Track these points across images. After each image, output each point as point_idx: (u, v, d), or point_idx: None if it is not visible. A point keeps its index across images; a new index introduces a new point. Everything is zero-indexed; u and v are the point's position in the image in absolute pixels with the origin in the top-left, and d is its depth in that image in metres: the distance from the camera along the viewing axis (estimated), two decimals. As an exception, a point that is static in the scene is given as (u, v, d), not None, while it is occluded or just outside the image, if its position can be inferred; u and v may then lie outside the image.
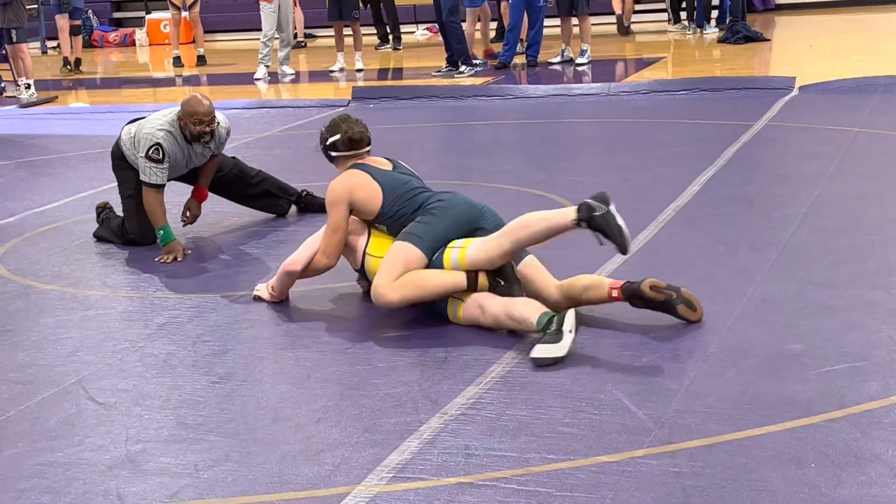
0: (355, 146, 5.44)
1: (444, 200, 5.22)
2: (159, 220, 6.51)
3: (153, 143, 6.47)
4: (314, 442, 3.95)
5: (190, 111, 6.50)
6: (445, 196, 5.27)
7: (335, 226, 5.25)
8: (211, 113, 6.53)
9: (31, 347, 5.12)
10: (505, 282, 5.01)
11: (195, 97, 6.60)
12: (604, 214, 4.76)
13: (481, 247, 5.00)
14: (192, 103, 6.53)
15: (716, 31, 16.55)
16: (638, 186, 7.60)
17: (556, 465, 3.67)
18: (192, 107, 6.51)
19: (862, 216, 6.47)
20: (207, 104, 6.55)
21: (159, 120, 6.59)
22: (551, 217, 4.90)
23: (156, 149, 6.47)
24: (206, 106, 6.54)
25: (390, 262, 5.04)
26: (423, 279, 4.99)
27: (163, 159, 6.48)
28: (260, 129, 11.05)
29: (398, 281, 4.99)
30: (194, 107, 6.51)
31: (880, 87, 10.85)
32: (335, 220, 5.25)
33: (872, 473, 3.50)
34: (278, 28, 14.68)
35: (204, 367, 4.77)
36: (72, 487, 3.73)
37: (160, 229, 6.49)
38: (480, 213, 5.21)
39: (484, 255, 4.98)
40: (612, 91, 11.82)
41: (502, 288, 4.99)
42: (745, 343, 4.63)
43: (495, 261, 4.98)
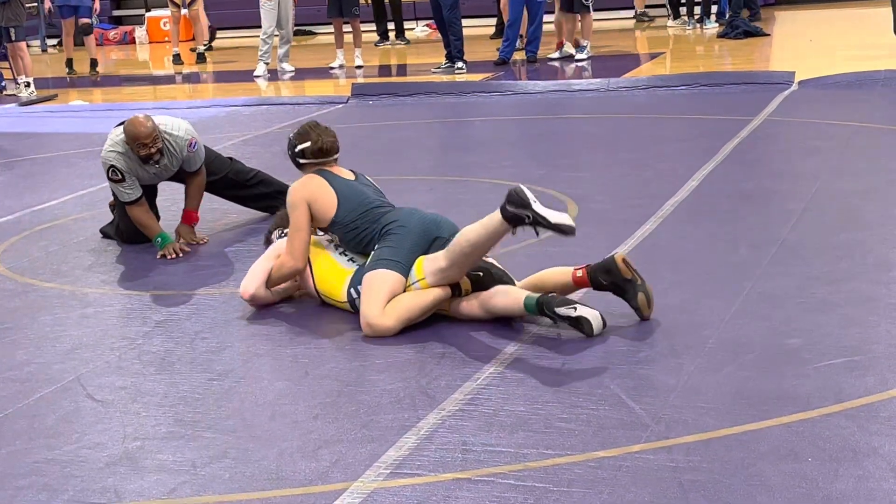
0: (324, 155, 5.45)
1: (399, 221, 5.18)
2: (153, 230, 6.52)
3: (108, 166, 6.45)
4: (312, 438, 3.95)
5: (131, 136, 6.35)
6: (401, 215, 5.23)
7: (298, 225, 5.27)
8: (151, 134, 6.32)
9: (30, 345, 5.12)
10: (483, 272, 5.02)
11: (135, 119, 6.38)
12: (532, 221, 4.71)
13: (438, 276, 4.97)
14: (132, 127, 6.35)
15: (715, 26, 16.55)
16: (637, 182, 7.60)
17: (553, 460, 3.67)
18: (132, 131, 6.35)
19: (861, 211, 6.47)
20: (148, 126, 6.34)
21: (111, 141, 6.49)
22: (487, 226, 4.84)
23: (113, 171, 6.44)
24: (147, 128, 6.33)
25: (375, 292, 5.01)
26: (409, 302, 4.99)
27: (123, 178, 6.44)
28: (259, 125, 11.06)
29: (388, 307, 4.97)
30: (135, 130, 6.34)
31: (880, 82, 10.85)
32: (297, 220, 5.27)
33: (870, 467, 3.49)
34: (278, 25, 14.67)
35: (202, 365, 4.77)
36: (70, 485, 3.73)
37: (157, 237, 6.49)
38: (437, 224, 5.20)
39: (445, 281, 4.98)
40: (611, 87, 11.81)
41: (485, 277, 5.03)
42: (744, 338, 4.62)
43: (456, 279, 5.00)
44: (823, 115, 9.51)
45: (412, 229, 5.13)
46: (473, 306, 4.99)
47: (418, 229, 5.14)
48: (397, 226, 5.15)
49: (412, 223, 5.16)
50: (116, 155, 6.45)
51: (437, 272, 4.97)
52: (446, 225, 5.22)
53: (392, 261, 5.06)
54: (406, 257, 5.07)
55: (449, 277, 4.99)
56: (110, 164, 6.45)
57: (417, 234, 5.12)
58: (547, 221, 4.70)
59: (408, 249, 5.09)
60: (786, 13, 18.46)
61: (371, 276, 5.05)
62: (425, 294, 4.99)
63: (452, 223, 5.24)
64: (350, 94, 12.47)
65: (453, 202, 7.19)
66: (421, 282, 5.03)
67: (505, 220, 4.77)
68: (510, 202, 4.75)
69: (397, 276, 5.03)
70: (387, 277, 5.02)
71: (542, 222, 4.70)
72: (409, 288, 5.04)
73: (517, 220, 4.74)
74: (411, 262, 5.07)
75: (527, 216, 4.71)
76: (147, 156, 6.38)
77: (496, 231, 4.84)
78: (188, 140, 6.56)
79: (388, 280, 5.01)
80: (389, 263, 5.05)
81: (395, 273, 5.03)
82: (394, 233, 5.14)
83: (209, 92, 14.56)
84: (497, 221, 4.81)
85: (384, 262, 5.06)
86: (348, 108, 11.97)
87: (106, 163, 6.48)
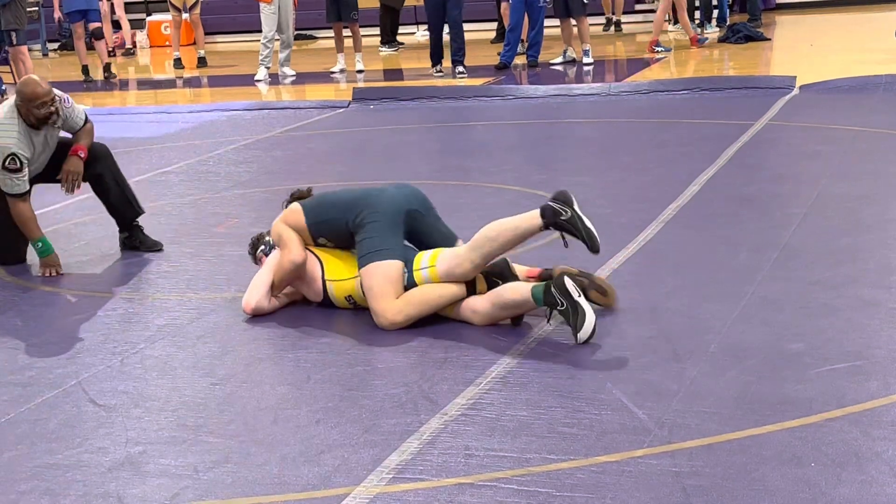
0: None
1: (369, 208, 5.17)
2: (34, 230, 6.31)
3: (7, 154, 6.14)
4: (314, 443, 3.95)
5: (30, 96, 6.13)
6: (368, 202, 5.21)
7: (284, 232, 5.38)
8: (50, 92, 6.19)
9: (31, 349, 5.12)
10: (503, 280, 5.02)
11: (31, 79, 6.22)
12: (570, 218, 4.81)
13: (452, 263, 5.01)
14: (30, 86, 6.16)
15: (716, 30, 16.55)
16: (638, 186, 7.60)
17: (556, 465, 3.67)
18: (32, 89, 6.14)
19: (863, 216, 6.47)
20: (45, 85, 6.19)
21: (2, 126, 6.19)
22: (518, 224, 4.94)
23: (11, 159, 6.15)
24: (45, 87, 6.17)
25: (379, 286, 5.03)
26: (424, 295, 5.01)
27: (21, 167, 6.19)
28: (260, 130, 11.06)
29: (400, 301, 5.00)
30: (33, 89, 6.14)
31: (881, 87, 10.85)
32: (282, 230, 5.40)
33: (872, 472, 3.49)
34: (278, 29, 14.68)
35: (204, 369, 4.76)
36: (72, 489, 3.72)
37: (38, 241, 6.30)
38: (406, 198, 5.24)
39: (458, 272, 5.01)
40: (612, 91, 11.82)
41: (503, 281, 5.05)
42: (746, 343, 4.62)
43: (469, 275, 5.02)
44: (824, 120, 9.51)
45: (384, 212, 5.15)
46: (481, 304, 4.98)
47: (390, 210, 5.16)
48: (369, 213, 5.16)
49: (382, 206, 5.17)
50: (16, 140, 6.19)
51: (453, 264, 5.00)
52: (414, 197, 5.28)
53: (378, 251, 5.08)
54: (391, 241, 5.10)
55: (463, 271, 4.99)
56: (10, 152, 6.16)
57: (391, 215, 5.15)
58: (583, 226, 4.80)
59: (389, 233, 5.11)
60: (787, 18, 18.46)
61: (368, 271, 5.07)
62: (441, 289, 5.00)
63: (419, 192, 5.32)
64: (351, 98, 12.48)
65: (454, 206, 7.18)
66: (431, 269, 5.05)
67: (542, 213, 4.84)
68: (555, 198, 4.85)
69: (392, 263, 5.05)
70: (384, 268, 5.05)
71: (579, 225, 4.80)
72: (416, 272, 5.06)
73: (555, 215, 4.81)
74: (399, 243, 5.12)
75: (565, 211, 4.81)
76: (47, 115, 6.18)
77: (526, 231, 4.92)
78: (62, 96, 6.36)
79: (386, 270, 5.04)
80: (378, 254, 5.07)
81: (387, 261, 5.05)
82: (368, 222, 5.15)
83: (210, 96, 14.57)
84: (529, 221, 4.88)
85: (373, 254, 5.08)
86: (349, 113, 11.97)
87: (3, 151, 6.15)
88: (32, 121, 6.22)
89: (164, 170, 9.20)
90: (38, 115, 6.19)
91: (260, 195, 8.08)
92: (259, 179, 8.71)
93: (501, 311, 4.95)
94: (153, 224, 6.97)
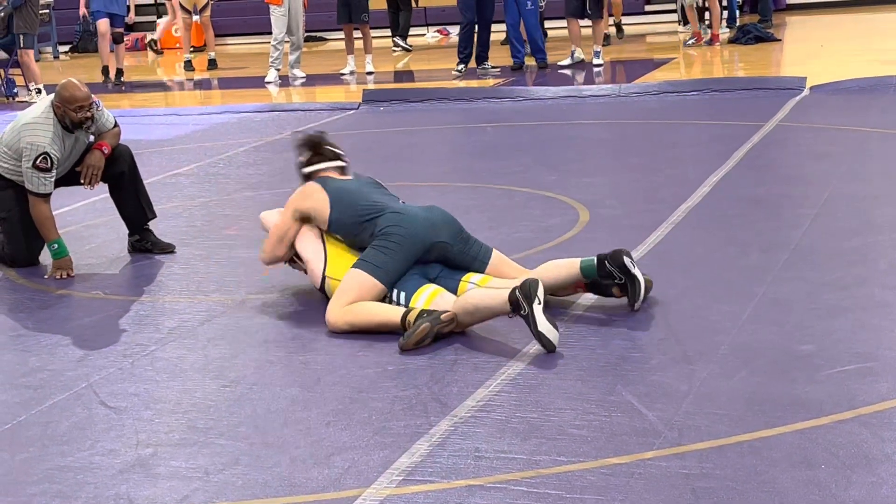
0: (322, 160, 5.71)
1: (399, 224, 5.18)
2: (52, 232, 6.33)
3: (40, 152, 6.20)
4: (324, 445, 3.95)
5: (69, 98, 6.21)
6: (400, 219, 5.21)
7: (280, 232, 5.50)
8: (90, 97, 6.28)
9: (43, 352, 5.13)
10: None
11: (71, 83, 6.28)
12: (526, 315, 4.66)
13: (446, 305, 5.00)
14: (70, 89, 6.23)
15: (726, 31, 16.53)
16: (649, 187, 7.60)
17: (565, 467, 3.67)
18: (71, 93, 6.22)
19: (873, 216, 6.46)
20: (85, 89, 6.29)
21: (38, 124, 6.26)
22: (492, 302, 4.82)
23: (44, 158, 6.20)
24: (85, 91, 6.27)
25: (345, 289, 5.11)
26: (370, 310, 5.05)
27: (51, 167, 6.25)
28: (271, 132, 11.07)
29: (348, 308, 5.06)
30: (73, 93, 6.22)
31: (891, 87, 10.83)
32: (281, 223, 5.51)
33: (883, 474, 3.48)
34: (288, 31, 14.69)
35: (214, 371, 4.77)
36: (82, 491, 3.73)
37: (54, 242, 6.32)
38: (436, 228, 5.21)
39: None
40: (622, 92, 11.81)
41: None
42: (756, 344, 4.62)
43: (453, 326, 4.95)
44: (835, 121, 9.50)
45: (411, 239, 5.15)
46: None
47: (416, 236, 5.16)
48: (395, 230, 5.17)
49: (412, 230, 5.17)
50: (50, 140, 6.24)
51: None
52: (447, 228, 5.25)
53: (373, 265, 5.11)
54: (396, 269, 5.13)
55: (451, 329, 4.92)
56: (43, 151, 6.21)
57: (413, 242, 5.15)
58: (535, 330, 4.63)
59: (399, 259, 5.14)
60: (797, 18, 18.43)
61: (350, 274, 5.15)
62: (387, 310, 5.00)
63: (455, 223, 5.30)
64: (361, 100, 12.48)
65: (464, 208, 7.19)
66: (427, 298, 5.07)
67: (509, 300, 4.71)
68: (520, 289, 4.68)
69: (373, 283, 5.09)
70: (362, 280, 5.10)
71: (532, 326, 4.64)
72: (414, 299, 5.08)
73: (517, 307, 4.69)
74: (400, 271, 5.13)
75: (523, 307, 4.66)
76: (84, 119, 6.26)
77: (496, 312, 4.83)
78: (96, 102, 6.43)
79: (362, 282, 5.09)
80: (371, 268, 5.11)
81: (372, 279, 5.09)
82: (389, 238, 5.16)
83: (220, 98, 14.59)
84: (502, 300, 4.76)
85: (368, 265, 5.12)
86: (359, 114, 11.98)
87: (38, 148, 6.20)
88: (67, 123, 6.28)
89: (174, 172, 9.21)
90: (74, 119, 6.25)
91: (270, 197, 8.08)
92: (269, 182, 8.72)
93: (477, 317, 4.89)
94: (164, 226, 6.99)
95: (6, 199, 6.50)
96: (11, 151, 6.38)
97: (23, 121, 6.37)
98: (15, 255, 6.55)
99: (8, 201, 6.49)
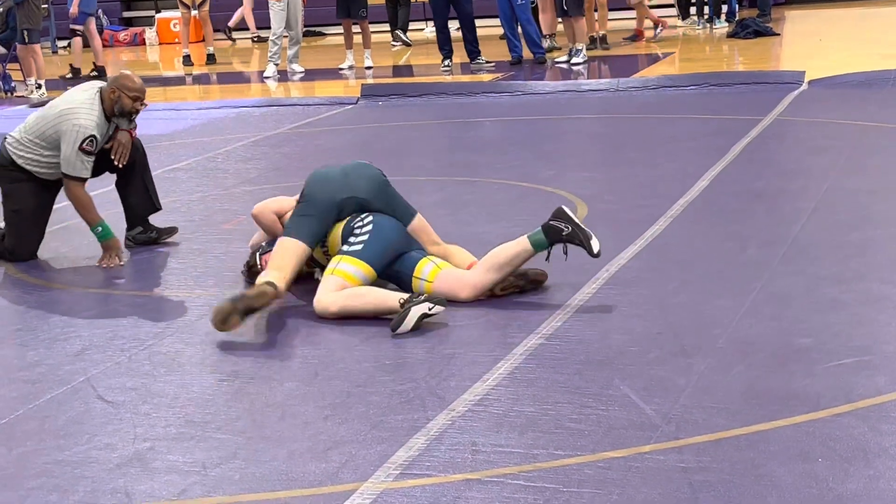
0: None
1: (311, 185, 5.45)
2: (94, 214, 6.35)
3: (88, 135, 6.21)
4: (322, 439, 3.95)
5: (130, 86, 6.34)
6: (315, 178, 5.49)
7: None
8: (144, 89, 6.45)
9: (40, 346, 5.13)
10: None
11: (127, 75, 6.43)
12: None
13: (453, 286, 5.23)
14: (131, 78, 6.39)
15: (725, 25, 16.53)
16: (647, 182, 7.60)
17: (563, 460, 3.67)
18: (132, 81, 6.37)
19: (871, 211, 6.46)
20: (140, 81, 6.45)
21: (82, 110, 6.27)
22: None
23: (90, 140, 6.22)
24: (140, 83, 6.44)
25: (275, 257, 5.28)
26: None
27: (94, 151, 6.29)
28: (269, 126, 11.07)
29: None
30: (134, 81, 6.38)
31: (890, 81, 10.83)
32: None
33: (880, 467, 3.49)
34: (287, 26, 14.69)
35: (212, 366, 4.77)
36: (80, 486, 3.73)
37: (98, 226, 6.34)
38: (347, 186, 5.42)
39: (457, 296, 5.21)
40: (620, 87, 11.81)
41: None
42: (754, 338, 4.62)
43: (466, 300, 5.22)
44: (833, 115, 9.49)
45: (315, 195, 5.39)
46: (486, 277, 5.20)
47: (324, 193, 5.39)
48: (307, 191, 5.43)
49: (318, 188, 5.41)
50: (95, 124, 6.28)
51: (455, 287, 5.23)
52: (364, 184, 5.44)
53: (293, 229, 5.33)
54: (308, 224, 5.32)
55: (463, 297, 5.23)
56: (91, 134, 6.24)
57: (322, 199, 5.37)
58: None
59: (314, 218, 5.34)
60: (796, 13, 18.43)
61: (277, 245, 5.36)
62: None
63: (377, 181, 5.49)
64: (360, 94, 12.48)
65: (462, 203, 7.19)
66: (427, 284, 5.25)
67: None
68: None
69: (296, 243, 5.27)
70: (286, 245, 5.29)
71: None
72: (415, 279, 5.28)
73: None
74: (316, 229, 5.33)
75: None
76: (136, 110, 6.40)
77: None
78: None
79: (286, 247, 5.28)
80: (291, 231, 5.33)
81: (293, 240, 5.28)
82: (304, 200, 5.41)
83: (219, 93, 14.58)
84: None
85: (288, 230, 5.37)
86: (358, 109, 11.98)
87: (86, 131, 6.22)
88: (117, 110, 6.34)
89: (173, 167, 9.21)
90: (127, 106, 6.35)
91: (268, 192, 8.06)
92: (268, 176, 8.71)
93: (496, 274, 5.19)
94: (162, 221, 6.97)
95: (23, 192, 6.49)
96: (41, 140, 6.38)
97: (60, 107, 6.37)
98: (18, 249, 6.53)
99: (25, 194, 6.49)
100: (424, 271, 5.31)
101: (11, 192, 6.52)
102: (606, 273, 5.53)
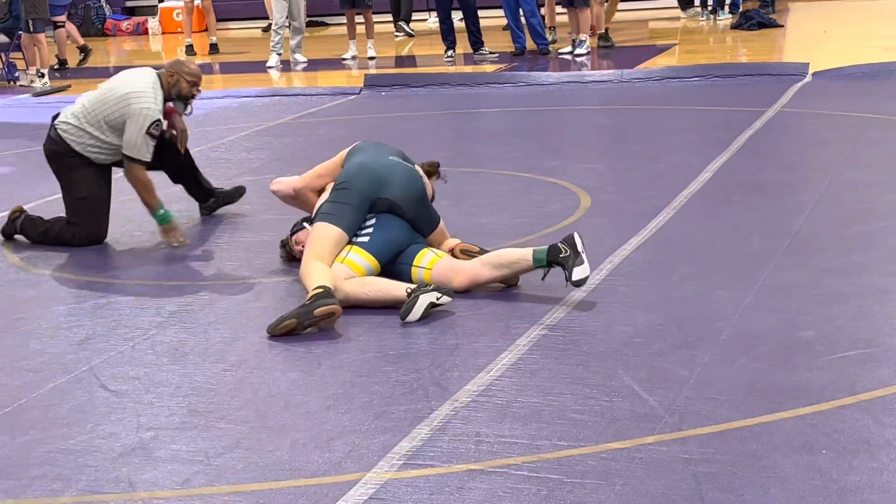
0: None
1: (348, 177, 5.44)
2: (155, 197, 6.38)
3: (154, 119, 6.29)
4: (325, 429, 3.96)
5: (189, 71, 6.52)
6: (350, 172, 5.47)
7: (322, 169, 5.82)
8: (202, 76, 6.63)
9: (43, 335, 5.13)
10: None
11: (186, 60, 6.68)
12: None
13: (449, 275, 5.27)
14: (190, 64, 6.63)
15: (729, 17, 16.50)
16: (650, 173, 7.59)
17: (566, 451, 3.67)
18: (192, 66, 6.59)
19: (875, 203, 6.45)
20: (198, 67, 6.68)
21: (146, 94, 6.34)
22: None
23: (157, 125, 6.30)
24: (199, 69, 6.64)
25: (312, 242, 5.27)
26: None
27: (158, 135, 6.37)
28: (272, 116, 11.06)
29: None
30: (192, 67, 6.59)
31: (894, 73, 10.82)
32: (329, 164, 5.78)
33: (884, 459, 3.49)
34: (290, 16, 14.67)
35: (215, 355, 4.77)
36: (83, 474, 3.73)
37: (159, 209, 6.38)
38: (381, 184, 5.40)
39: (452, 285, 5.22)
40: (624, 78, 11.79)
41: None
42: (757, 330, 4.61)
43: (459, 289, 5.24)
44: (837, 107, 9.48)
45: (355, 187, 5.37)
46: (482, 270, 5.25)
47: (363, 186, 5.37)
48: (346, 179, 5.42)
49: (359, 180, 5.39)
50: (159, 109, 6.39)
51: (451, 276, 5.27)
52: (403, 190, 5.42)
53: (330, 214, 5.31)
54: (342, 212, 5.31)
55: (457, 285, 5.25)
56: (157, 118, 6.35)
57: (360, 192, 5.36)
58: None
59: (349, 208, 5.33)
60: (800, 4, 18.39)
61: (314, 228, 5.33)
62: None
63: (417, 190, 5.48)
64: (363, 84, 12.46)
65: (465, 193, 7.19)
66: (426, 271, 5.30)
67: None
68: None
69: (334, 229, 5.26)
70: (322, 230, 5.27)
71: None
72: (414, 267, 5.32)
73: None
74: (352, 218, 5.31)
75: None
76: (194, 95, 6.57)
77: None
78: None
79: (323, 233, 5.26)
80: (328, 217, 5.30)
81: (331, 226, 5.27)
82: (338, 189, 5.41)
83: (222, 83, 14.56)
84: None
85: (324, 215, 5.33)
86: (361, 99, 11.96)
87: (152, 115, 6.31)
88: (174, 93, 6.47)
89: (175, 156, 9.18)
90: (185, 91, 6.50)
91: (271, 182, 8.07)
92: (270, 166, 8.70)
93: (492, 271, 5.22)
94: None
95: (88, 178, 6.52)
96: (105, 124, 6.42)
97: (122, 91, 6.40)
98: (96, 234, 6.56)
99: (91, 180, 6.53)
100: (424, 260, 5.34)
101: (78, 180, 6.53)
102: (610, 264, 5.52)
